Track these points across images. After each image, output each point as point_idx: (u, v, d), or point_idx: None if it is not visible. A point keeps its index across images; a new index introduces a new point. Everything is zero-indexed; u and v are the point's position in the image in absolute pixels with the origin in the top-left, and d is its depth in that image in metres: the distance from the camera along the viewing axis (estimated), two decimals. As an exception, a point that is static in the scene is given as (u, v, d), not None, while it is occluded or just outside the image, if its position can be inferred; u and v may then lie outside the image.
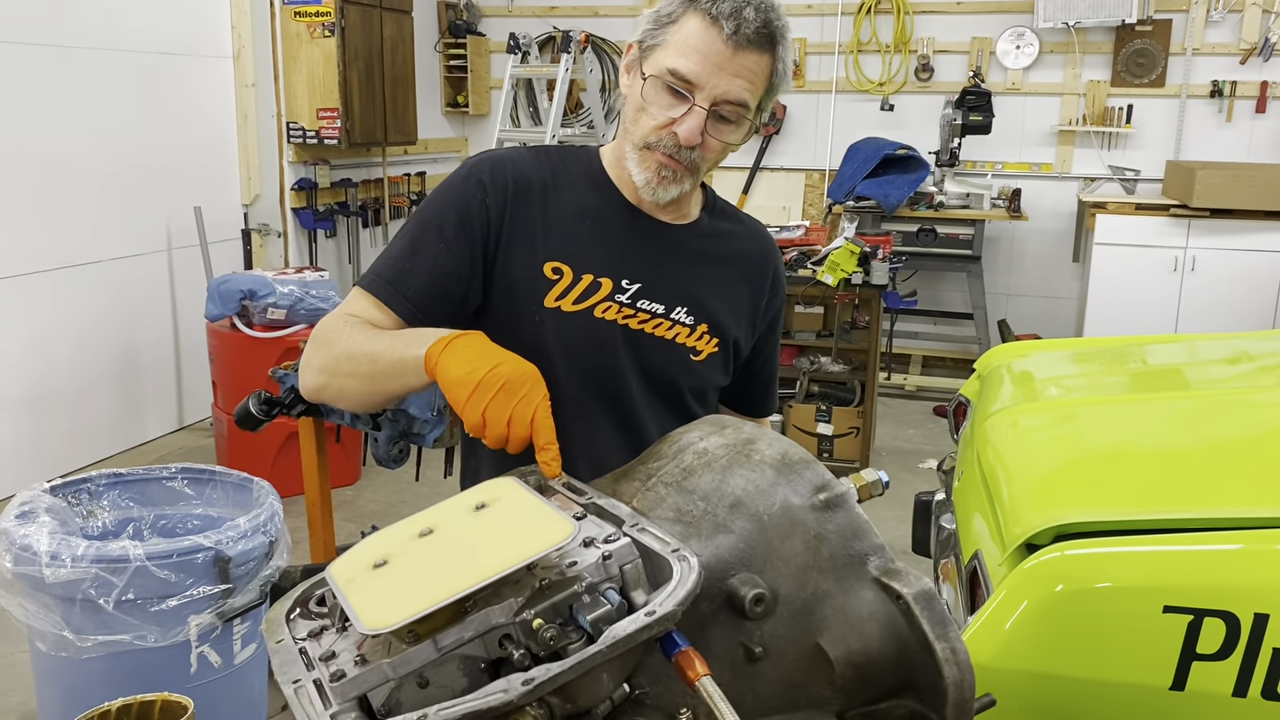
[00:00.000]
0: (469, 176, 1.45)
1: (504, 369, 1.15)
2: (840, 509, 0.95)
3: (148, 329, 5.16)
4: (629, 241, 1.48)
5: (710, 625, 0.92)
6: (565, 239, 1.45)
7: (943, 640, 0.87)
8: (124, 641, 2.20)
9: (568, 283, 1.44)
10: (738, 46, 1.33)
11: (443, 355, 1.19)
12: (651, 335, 1.48)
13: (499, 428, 1.13)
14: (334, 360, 1.35)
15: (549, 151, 1.53)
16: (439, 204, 1.44)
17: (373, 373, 1.30)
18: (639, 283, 1.47)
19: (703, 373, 1.53)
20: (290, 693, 0.87)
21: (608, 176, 1.51)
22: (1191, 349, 3.42)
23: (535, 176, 1.47)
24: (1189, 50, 6.20)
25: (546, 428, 1.13)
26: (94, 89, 4.75)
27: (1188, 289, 5.78)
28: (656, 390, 1.49)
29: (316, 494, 3.27)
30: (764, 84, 1.38)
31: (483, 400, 1.14)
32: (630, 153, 1.42)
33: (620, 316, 1.46)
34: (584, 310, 1.44)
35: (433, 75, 7.12)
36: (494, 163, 1.46)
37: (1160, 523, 1.98)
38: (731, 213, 1.62)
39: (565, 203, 1.47)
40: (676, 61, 1.35)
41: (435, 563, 0.91)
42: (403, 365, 1.25)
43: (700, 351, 1.51)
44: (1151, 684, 1.84)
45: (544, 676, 0.80)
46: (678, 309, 1.49)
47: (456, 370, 1.17)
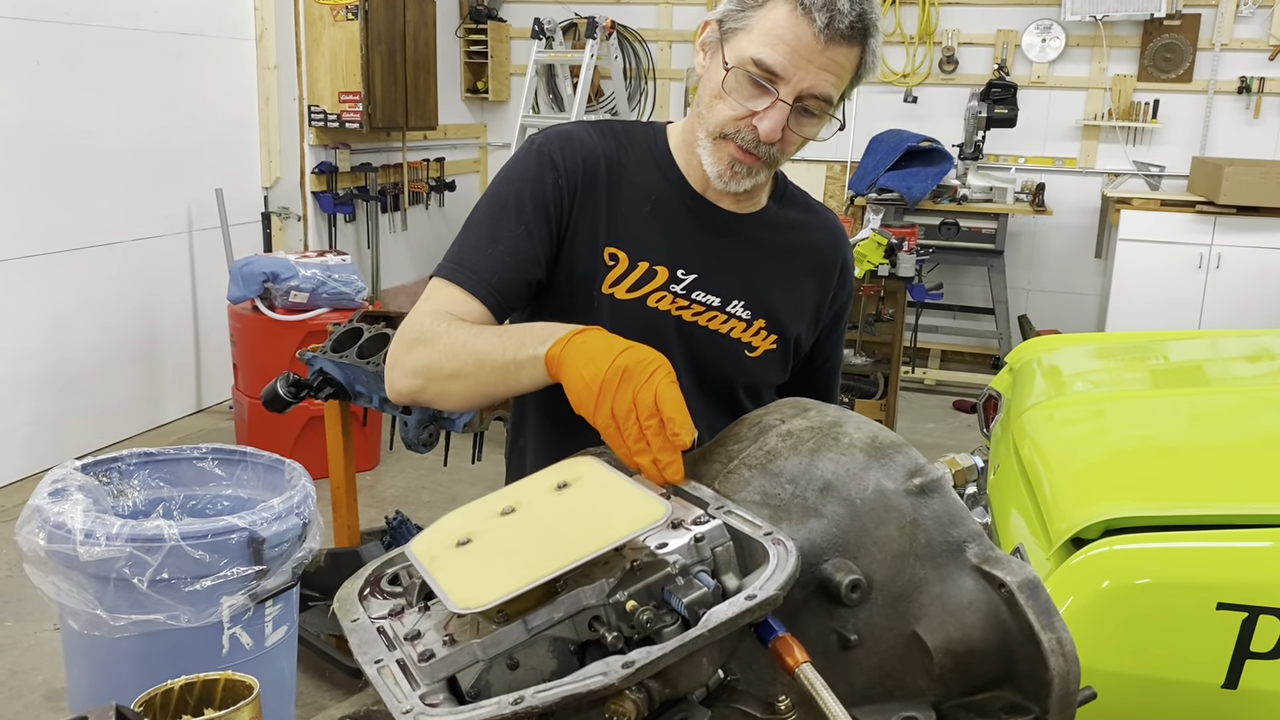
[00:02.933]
0: (541, 155, 1.40)
1: (623, 358, 1.08)
2: (936, 494, 0.92)
3: (168, 311, 5.14)
4: (689, 230, 1.43)
5: (802, 612, 0.89)
6: (625, 224, 1.41)
7: (1049, 630, 0.85)
8: (157, 621, 2.17)
9: (623, 269, 1.40)
10: (830, 40, 1.25)
11: (565, 356, 1.12)
12: (705, 328, 1.43)
13: (630, 423, 1.03)
14: (432, 361, 1.27)
15: (614, 128, 1.48)
16: (514, 184, 1.39)
17: (480, 374, 1.23)
18: (695, 273, 1.42)
19: (757, 370, 1.48)
20: (373, 672, 0.85)
21: (673, 159, 1.45)
22: (1224, 345, 3.39)
23: (602, 154, 1.42)
24: (1217, 45, 6.15)
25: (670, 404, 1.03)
26: (116, 69, 4.73)
27: (1213, 286, 5.73)
28: (707, 385, 1.44)
29: (341, 478, 3.25)
30: (850, 76, 1.30)
31: (608, 400, 1.06)
32: (704, 140, 1.36)
33: (674, 307, 1.41)
34: (638, 299, 1.40)
35: (453, 61, 7.08)
36: (563, 140, 1.41)
37: (1209, 518, 1.95)
38: (802, 200, 1.55)
39: (628, 185, 1.42)
40: (762, 51, 1.27)
41: (523, 542, 0.88)
42: (516, 367, 1.19)
43: (756, 348, 1.46)
44: (1203, 682, 1.81)
45: (645, 660, 0.77)
46: (735, 303, 1.44)
47: (583, 373, 1.09)
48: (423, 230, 6.84)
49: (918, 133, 6.22)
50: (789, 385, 1.57)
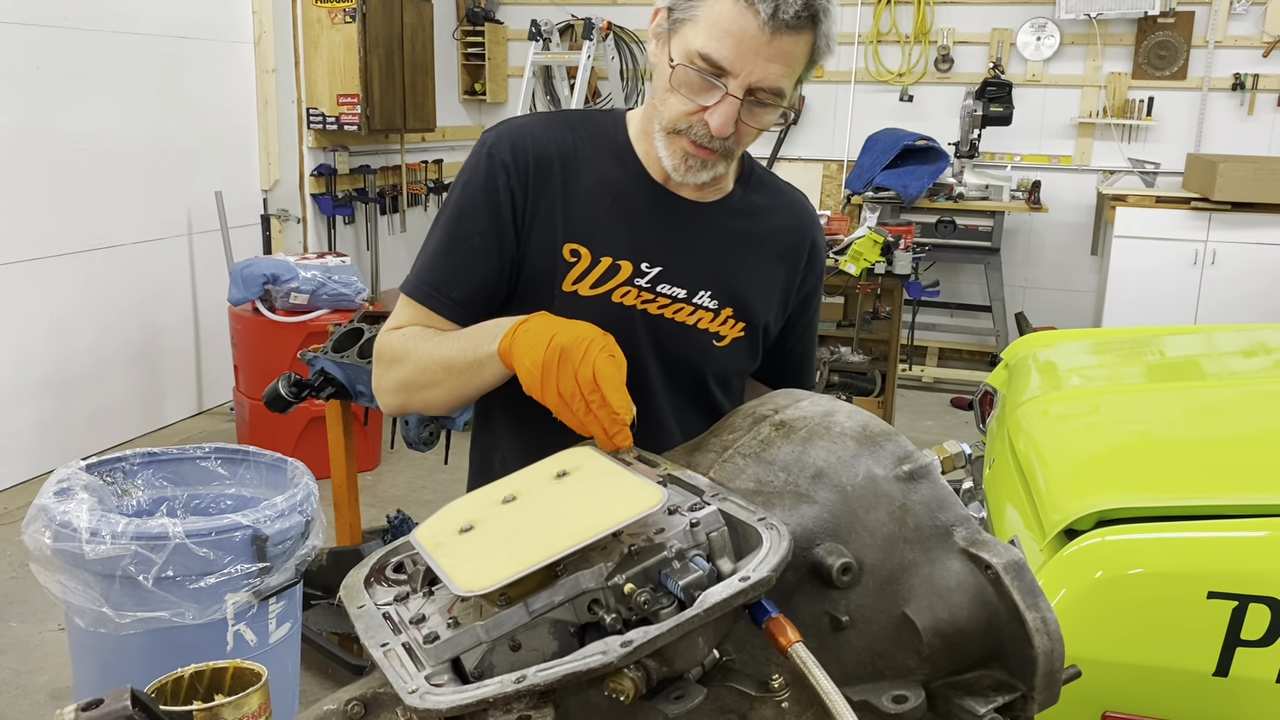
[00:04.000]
0: (491, 159, 1.38)
1: (559, 339, 1.13)
2: (924, 480, 0.95)
3: (168, 313, 5.16)
4: (651, 221, 1.40)
5: (795, 595, 0.92)
6: (584, 218, 1.38)
7: (1033, 610, 0.87)
8: (162, 618, 2.20)
9: (585, 265, 1.37)
10: (776, 31, 1.22)
11: (513, 347, 1.18)
12: (672, 320, 1.41)
13: (576, 401, 1.09)
14: (408, 377, 1.33)
15: (571, 119, 1.45)
16: (468, 192, 1.39)
17: (450, 380, 1.29)
18: (660, 266, 1.40)
19: (725, 359, 1.46)
20: (379, 655, 0.87)
21: (633, 149, 1.42)
22: (1219, 340, 3.42)
23: (555, 148, 1.39)
24: (1211, 43, 6.18)
25: (607, 382, 1.09)
26: (115, 73, 4.76)
27: (1208, 282, 5.76)
28: (676, 377, 1.43)
29: (343, 477, 3.27)
30: (804, 62, 1.28)
31: (552, 382, 1.11)
32: (658, 133, 1.34)
33: (639, 301, 1.39)
34: (602, 295, 1.38)
35: (450, 63, 7.11)
36: (513, 138, 1.39)
37: (1201, 509, 1.97)
38: (769, 183, 1.52)
39: (586, 177, 1.39)
40: (707, 45, 1.24)
41: (524, 528, 0.91)
42: (478, 366, 1.25)
43: (724, 337, 1.44)
44: (1195, 669, 1.84)
45: (643, 639, 0.80)
46: (701, 293, 1.42)
47: (525, 360, 1.15)
48: (421, 232, 6.85)
49: (914, 131, 6.25)
50: (760, 371, 1.56)
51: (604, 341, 1.13)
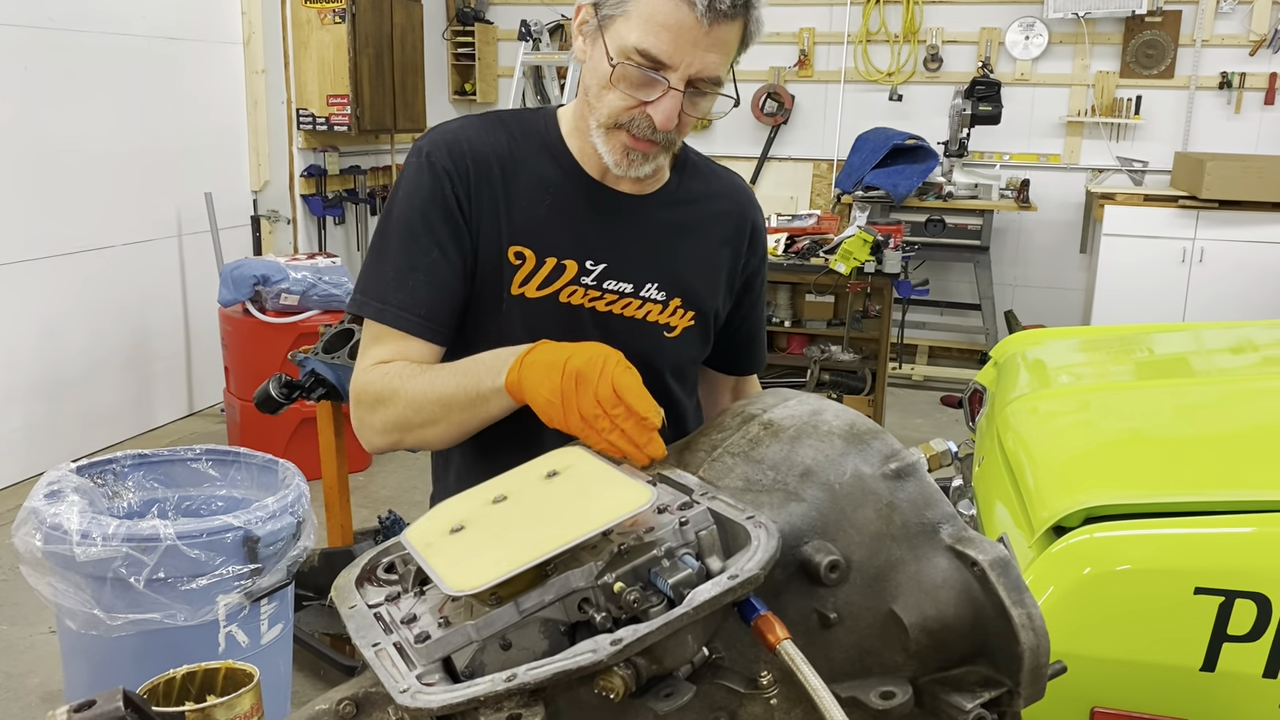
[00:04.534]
0: (433, 166, 1.36)
1: (572, 364, 1.11)
2: (911, 478, 0.96)
3: (158, 315, 5.16)
4: (591, 219, 1.40)
5: (784, 592, 0.93)
6: (526, 220, 1.38)
7: (1019, 606, 0.88)
8: (154, 620, 2.20)
9: (531, 267, 1.37)
10: (713, 21, 1.22)
11: (523, 379, 1.15)
12: (621, 316, 1.41)
13: (600, 421, 1.07)
14: (399, 417, 1.29)
15: (503, 119, 1.44)
16: (415, 202, 1.35)
17: (450, 417, 1.26)
18: (604, 262, 1.39)
19: (678, 349, 1.47)
20: (371, 655, 0.88)
21: (567, 147, 1.41)
22: (1208, 337, 3.44)
23: (492, 151, 1.38)
24: (1198, 41, 6.21)
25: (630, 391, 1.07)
26: (103, 74, 4.75)
27: (1196, 280, 5.79)
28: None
29: (334, 478, 3.27)
30: (736, 48, 1.29)
31: (574, 408, 1.09)
32: (596, 130, 1.32)
33: (587, 299, 1.39)
34: (550, 295, 1.38)
35: (440, 63, 7.11)
36: (449, 145, 1.37)
37: (1188, 505, 1.99)
38: (704, 169, 1.51)
39: (524, 179, 1.38)
40: (645, 40, 1.23)
41: (514, 527, 0.92)
42: (481, 401, 1.22)
43: (674, 328, 1.45)
44: (1182, 665, 1.85)
45: (632, 637, 0.80)
46: (648, 286, 1.42)
47: (542, 390, 1.12)
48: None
49: (903, 130, 6.27)
50: (710, 355, 1.56)
51: (618, 356, 1.12)
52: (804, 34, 6.75)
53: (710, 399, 1.69)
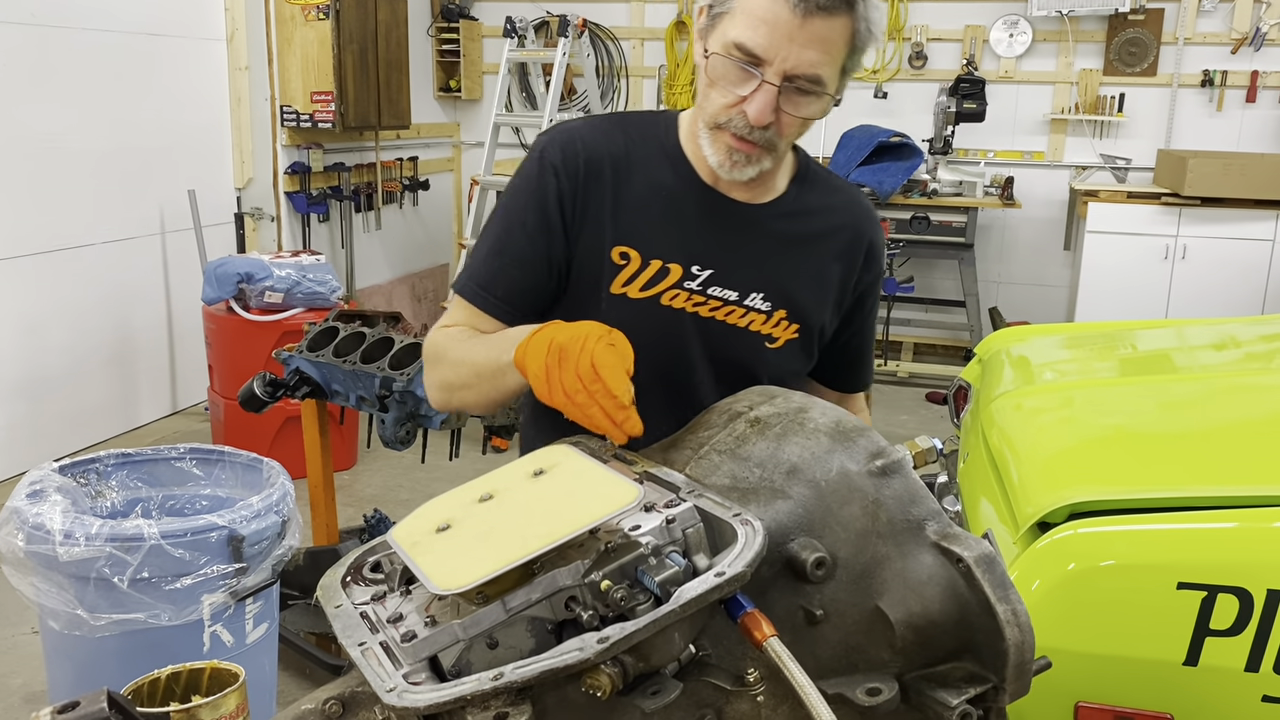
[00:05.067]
0: (543, 162, 1.40)
1: (557, 340, 1.11)
2: (897, 475, 0.96)
3: (141, 313, 5.12)
4: (702, 224, 1.41)
5: (770, 589, 0.93)
6: (634, 221, 1.39)
7: (1004, 602, 0.89)
8: (138, 620, 2.19)
9: (635, 268, 1.39)
10: (807, 14, 1.22)
11: (525, 357, 1.17)
12: (723, 323, 1.41)
13: (580, 395, 1.07)
14: (445, 378, 1.37)
15: (625, 121, 1.46)
16: (520, 195, 1.41)
17: (479, 384, 1.31)
18: (710, 269, 1.40)
19: (778, 361, 1.45)
20: (357, 654, 0.88)
21: (683, 152, 1.43)
22: (1191, 333, 3.46)
23: (607, 153, 1.40)
24: (1181, 40, 6.24)
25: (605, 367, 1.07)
26: (84, 70, 4.71)
27: (1178, 277, 5.82)
28: (728, 380, 1.38)
29: (319, 476, 3.26)
30: (844, 49, 1.27)
31: (557, 382, 1.09)
32: (703, 130, 1.35)
33: (689, 304, 1.40)
34: (651, 297, 1.39)
35: (425, 59, 7.08)
36: (564, 142, 1.41)
37: (1172, 501, 2.00)
38: (823, 181, 1.51)
39: (637, 181, 1.40)
40: (742, 34, 1.25)
41: (501, 526, 0.91)
42: (499, 371, 1.25)
43: (776, 339, 1.44)
44: (1165, 659, 1.87)
45: (619, 635, 0.80)
46: (753, 295, 1.42)
47: (532, 367, 1.13)
48: (397, 230, 6.84)
49: (888, 128, 6.28)
50: (816, 369, 1.56)
51: (601, 333, 1.11)
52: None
53: None
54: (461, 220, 7.30)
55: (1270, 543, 1.90)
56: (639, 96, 7.09)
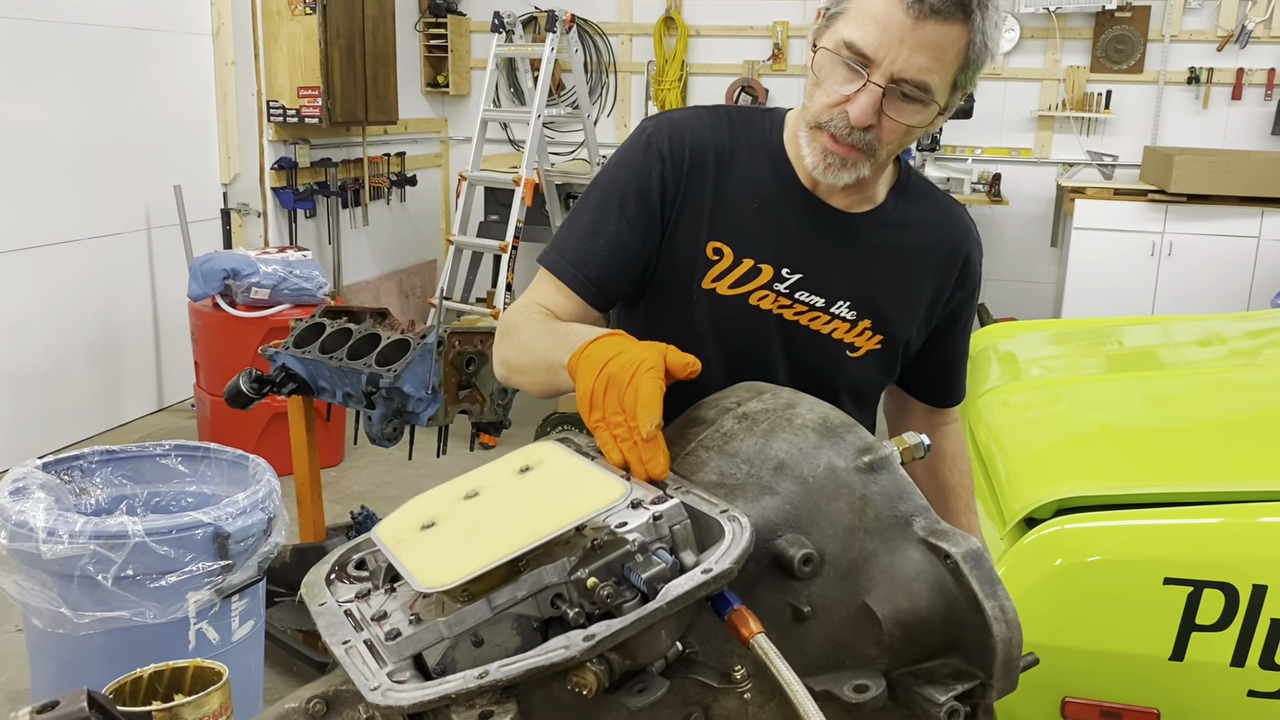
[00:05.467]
0: (649, 146, 1.38)
1: (610, 367, 1.04)
2: (884, 471, 0.96)
3: (127, 309, 5.09)
4: (797, 228, 1.39)
5: (757, 586, 0.92)
6: (731, 218, 1.38)
7: (992, 599, 0.88)
8: (122, 618, 2.17)
9: (726, 265, 1.38)
10: (920, 16, 1.19)
11: (577, 367, 1.10)
12: (806, 328, 1.40)
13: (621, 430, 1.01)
14: (509, 355, 1.33)
15: (730, 115, 1.44)
16: (621, 175, 1.38)
17: (536, 374, 1.26)
18: (800, 273, 1.39)
19: (858, 371, 1.44)
20: (340, 653, 0.87)
21: (785, 153, 1.41)
22: (1177, 330, 3.48)
23: (712, 145, 1.39)
24: (1167, 37, 6.26)
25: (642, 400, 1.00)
26: (68, 64, 4.67)
27: (1165, 274, 5.85)
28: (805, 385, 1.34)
29: (306, 473, 3.25)
30: (956, 60, 1.23)
31: (599, 411, 1.03)
32: (803, 130, 1.33)
33: (776, 306, 1.39)
34: (739, 295, 1.38)
35: (413, 55, 7.06)
36: (672, 129, 1.39)
37: (1158, 497, 2.01)
38: (923, 193, 1.49)
39: (738, 177, 1.39)
40: (852, 33, 1.22)
41: (486, 523, 0.91)
42: (553, 369, 1.19)
43: (859, 348, 1.43)
44: (1152, 654, 1.87)
45: (605, 632, 0.80)
46: (840, 303, 1.41)
47: (579, 387, 1.07)
48: (384, 225, 6.81)
49: (876, 124, 6.28)
50: (903, 383, 1.56)
51: (654, 363, 1.03)
52: (777, 27, 6.75)
53: (900, 424, 1.68)
54: (449, 216, 7.28)
55: (1255, 538, 1.91)
56: (627, 92, 7.08)
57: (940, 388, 1.63)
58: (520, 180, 5.24)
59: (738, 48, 6.85)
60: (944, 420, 1.68)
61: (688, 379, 1.05)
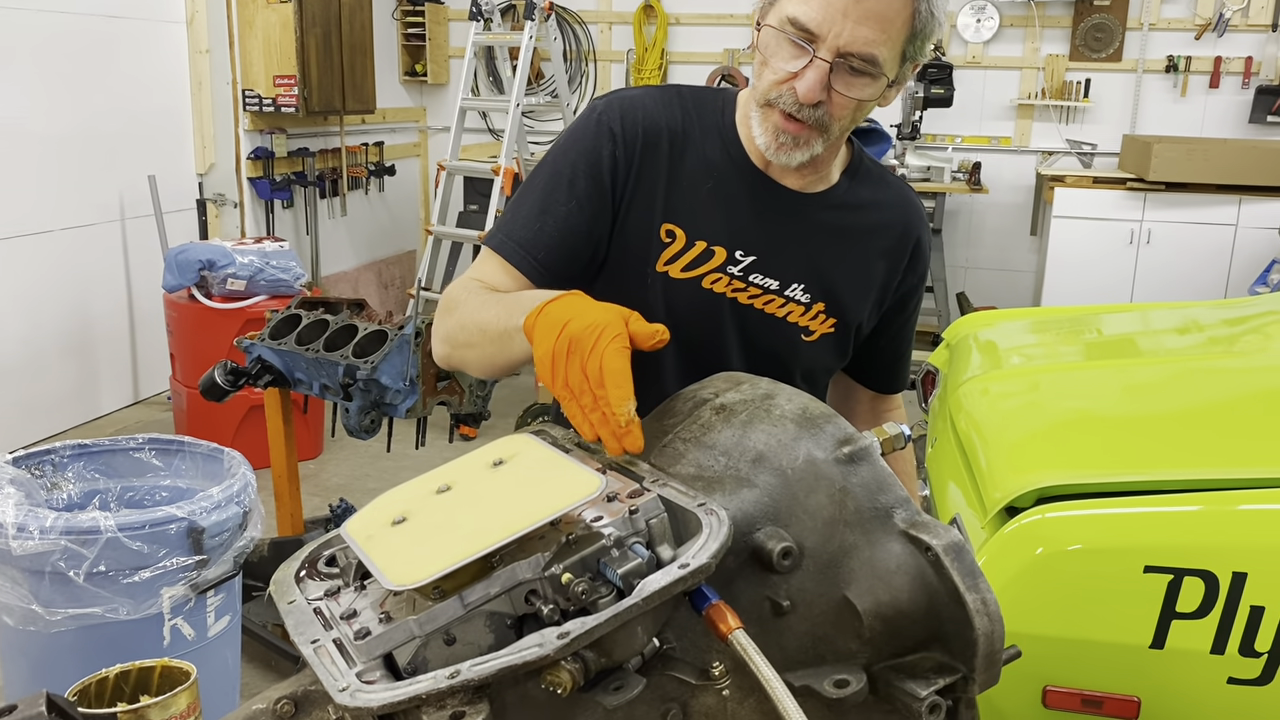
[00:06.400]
0: (600, 124, 1.35)
1: (570, 327, 1.00)
2: (864, 462, 0.94)
3: (101, 301, 5.03)
4: (750, 210, 1.38)
5: (736, 580, 0.91)
6: (684, 199, 1.36)
7: (973, 591, 0.87)
8: (95, 614, 2.14)
9: (679, 247, 1.35)
10: None
11: (535, 327, 1.05)
12: (761, 311, 1.39)
13: (585, 398, 0.97)
14: (452, 330, 1.27)
15: (682, 95, 1.41)
16: (571, 154, 1.35)
17: (484, 345, 1.21)
18: (754, 255, 1.37)
19: (813, 355, 1.44)
20: (309, 652, 0.85)
21: (737, 133, 1.39)
22: (1156, 317, 3.48)
23: (665, 125, 1.36)
24: (1145, 25, 6.27)
25: (611, 375, 0.96)
26: (39, 52, 4.61)
27: (1144, 261, 5.87)
28: (760, 369, 1.34)
29: (283, 466, 3.21)
30: (903, 30, 1.22)
31: (560, 373, 0.99)
32: (754, 110, 1.31)
33: (729, 289, 1.37)
34: (693, 279, 1.36)
35: (390, 43, 7.00)
36: (624, 108, 1.36)
37: (1139, 484, 2.01)
38: (876, 176, 1.48)
39: (690, 159, 1.37)
40: (796, 9, 1.21)
41: (458, 519, 0.89)
42: (507, 338, 1.14)
43: (813, 332, 1.42)
44: (1132, 643, 1.87)
45: (580, 630, 0.78)
46: (794, 286, 1.39)
47: (540, 346, 1.03)
48: (363, 215, 6.76)
49: (856, 113, 6.27)
50: (851, 368, 1.55)
51: (618, 330, 0.99)
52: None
53: (846, 410, 1.65)
54: (429, 206, 7.22)
55: (1235, 525, 1.91)
56: (606, 81, 7.04)
57: (888, 374, 1.63)
58: (499, 169, 5.21)
59: (718, 36, 6.82)
60: (889, 407, 1.68)
61: (653, 349, 1.01)
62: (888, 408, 1.68)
